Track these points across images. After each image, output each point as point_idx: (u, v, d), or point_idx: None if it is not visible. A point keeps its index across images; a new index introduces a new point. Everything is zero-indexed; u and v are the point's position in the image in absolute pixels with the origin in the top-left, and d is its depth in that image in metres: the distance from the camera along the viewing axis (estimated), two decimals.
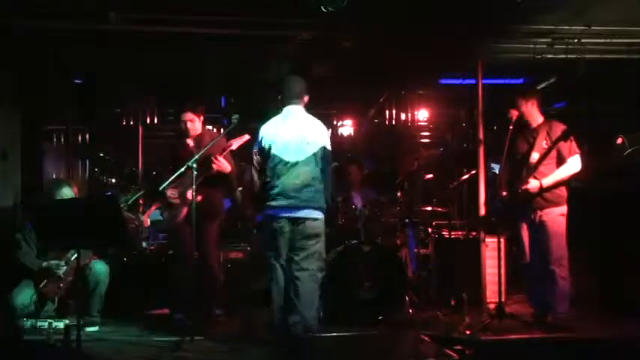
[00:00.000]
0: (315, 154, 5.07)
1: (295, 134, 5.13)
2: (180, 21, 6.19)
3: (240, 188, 7.43)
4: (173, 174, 5.51)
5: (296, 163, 5.08)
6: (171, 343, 5.02)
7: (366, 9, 5.98)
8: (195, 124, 6.03)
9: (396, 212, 6.84)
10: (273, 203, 5.06)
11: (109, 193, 7.60)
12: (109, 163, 10.58)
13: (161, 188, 5.29)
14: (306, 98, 5.26)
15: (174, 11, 6.04)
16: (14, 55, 6.78)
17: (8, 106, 6.87)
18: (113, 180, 10.44)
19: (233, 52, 7.41)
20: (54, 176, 9.06)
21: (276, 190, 5.06)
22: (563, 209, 5.68)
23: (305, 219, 5.01)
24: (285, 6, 5.76)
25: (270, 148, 5.13)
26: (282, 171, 5.09)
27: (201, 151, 5.53)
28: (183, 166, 5.41)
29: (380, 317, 5.82)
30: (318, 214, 5.05)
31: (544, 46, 6.84)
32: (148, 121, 9.06)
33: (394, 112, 9.07)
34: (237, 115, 5.56)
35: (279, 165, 5.10)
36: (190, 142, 6.00)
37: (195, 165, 5.30)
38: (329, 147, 5.14)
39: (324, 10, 5.35)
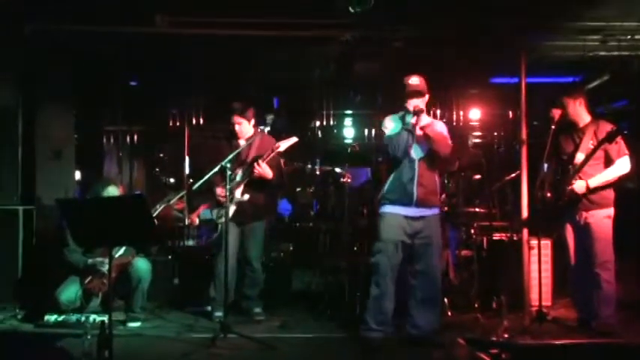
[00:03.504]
0: None
1: None
2: (221, 23, 6.29)
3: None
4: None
5: None
6: (206, 339, 5.11)
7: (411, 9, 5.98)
8: (243, 126, 6.04)
9: None
10: None
11: (138, 193, 7.77)
12: (167, 163, 10.81)
13: (194, 188, 5.37)
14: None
15: (210, 14, 6.15)
16: (68, 57, 7.06)
17: (62, 107, 7.12)
18: (172, 180, 10.62)
19: (278, 54, 7.49)
20: (112, 175, 9.35)
21: None
22: (610, 211, 5.50)
23: None
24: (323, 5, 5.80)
25: None
26: None
27: (234, 153, 5.60)
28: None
29: None
30: None
31: (596, 43, 6.65)
32: (194, 122, 9.24)
33: (439, 112, 8.95)
34: (271, 116, 5.61)
35: None
36: (242, 142, 6.06)
37: (229, 165, 5.35)
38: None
39: (351, 11, 5.34)
